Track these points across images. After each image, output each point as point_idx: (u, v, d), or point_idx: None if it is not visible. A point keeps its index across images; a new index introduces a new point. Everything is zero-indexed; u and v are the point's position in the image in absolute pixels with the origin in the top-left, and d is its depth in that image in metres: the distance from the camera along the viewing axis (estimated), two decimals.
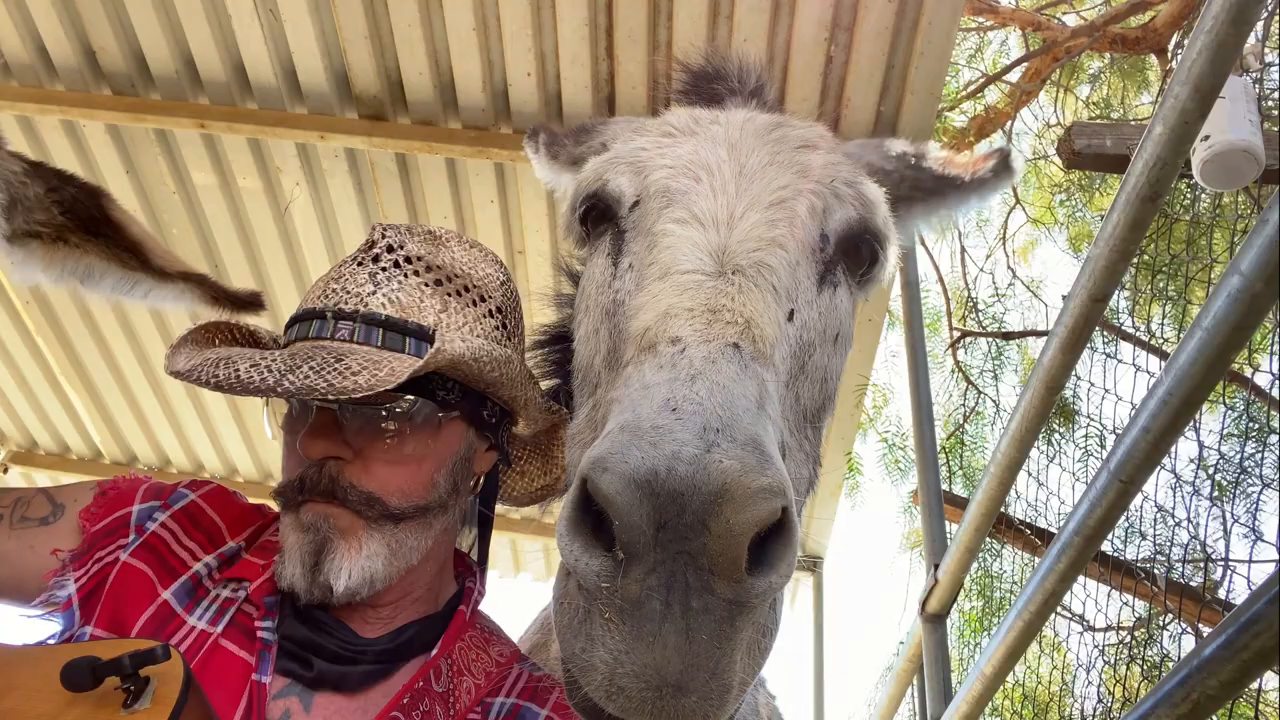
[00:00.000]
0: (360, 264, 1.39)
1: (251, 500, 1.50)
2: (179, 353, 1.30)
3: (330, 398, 1.19)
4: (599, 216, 1.44)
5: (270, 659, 1.21)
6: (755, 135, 1.44)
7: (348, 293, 1.34)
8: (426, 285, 1.39)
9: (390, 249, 1.40)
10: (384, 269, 1.38)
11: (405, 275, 1.38)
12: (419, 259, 1.41)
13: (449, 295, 1.40)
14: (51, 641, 1.24)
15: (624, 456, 0.86)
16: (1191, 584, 4.12)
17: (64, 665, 0.90)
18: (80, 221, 1.25)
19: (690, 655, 0.85)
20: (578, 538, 0.90)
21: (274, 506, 1.48)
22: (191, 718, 0.92)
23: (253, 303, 1.38)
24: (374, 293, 1.34)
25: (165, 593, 1.26)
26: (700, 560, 0.84)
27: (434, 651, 1.30)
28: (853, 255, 1.41)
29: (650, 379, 0.99)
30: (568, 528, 0.91)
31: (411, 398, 1.31)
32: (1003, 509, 2.61)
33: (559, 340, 1.64)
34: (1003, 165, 1.68)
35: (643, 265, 1.27)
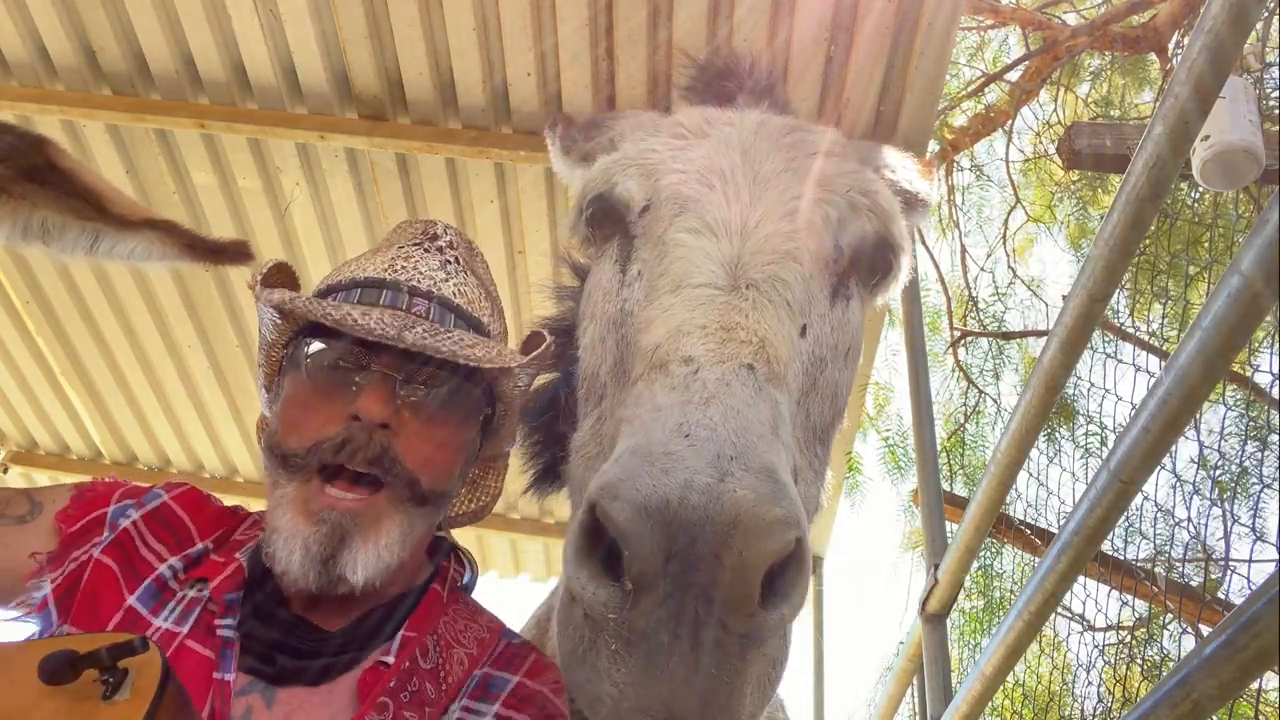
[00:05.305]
0: (426, 250, 1.43)
1: (254, 505, 1.49)
2: (269, 291, 1.30)
3: (458, 361, 1.25)
4: (606, 220, 1.41)
5: (232, 657, 1.20)
6: (770, 140, 1.40)
7: (420, 273, 1.39)
8: (479, 288, 1.47)
9: (452, 245, 1.47)
10: (449, 261, 1.44)
11: (465, 273, 1.45)
12: (467, 262, 1.48)
13: (491, 302, 1.49)
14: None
15: (634, 483, 0.84)
16: (1191, 584, 4.12)
17: (42, 658, 0.89)
18: (22, 171, 1.15)
19: (700, 690, 0.83)
20: (585, 565, 0.88)
21: (248, 509, 1.48)
22: (170, 708, 0.92)
23: (239, 252, 1.26)
24: (446, 280, 1.40)
25: (130, 598, 1.25)
26: (711, 593, 0.82)
27: (399, 635, 1.27)
28: (865, 266, 1.39)
29: (662, 400, 0.97)
30: (575, 554, 0.89)
31: (471, 386, 1.35)
32: (1003, 509, 2.61)
33: (557, 334, 1.62)
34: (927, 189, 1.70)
35: (653, 275, 1.23)
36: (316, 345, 1.30)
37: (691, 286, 1.14)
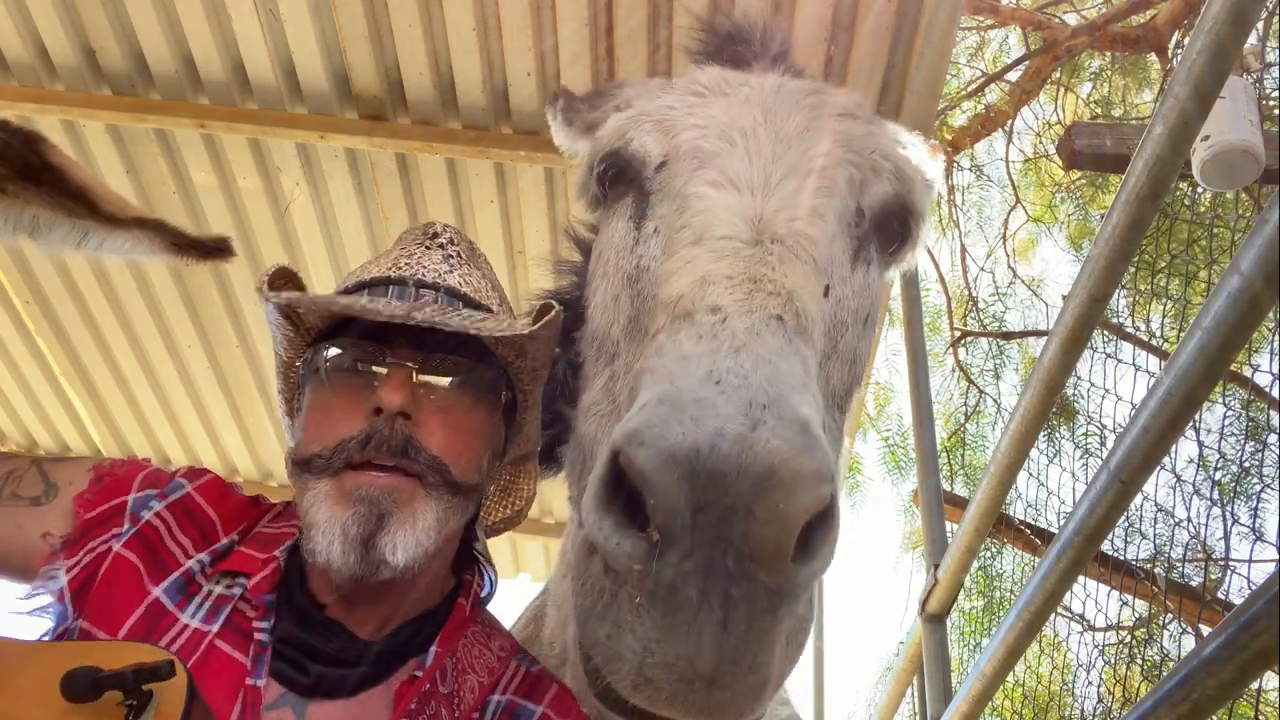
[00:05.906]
0: (428, 247, 1.46)
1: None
2: (277, 293, 1.31)
3: (469, 333, 1.26)
4: (619, 177, 1.38)
5: (265, 661, 1.19)
6: (791, 100, 1.37)
7: (424, 267, 1.41)
8: (484, 279, 1.49)
9: (453, 241, 1.50)
10: (451, 256, 1.46)
11: (468, 265, 1.47)
12: (469, 257, 1.50)
13: (498, 292, 1.51)
14: (47, 638, 1.21)
15: (663, 431, 0.80)
16: (1191, 584, 4.12)
17: (64, 675, 0.88)
18: (17, 169, 1.14)
19: (728, 647, 0.80)
20: (608, 515, 0.85)
21: (269, 499, 1.47)
22: None
23: (221, 248, 1.27)
24: (450, 272, 1.42)
25: (156, 590, 1.23)
26: (742, 546, 0.78)
27: (432, 649, 1.27)
28: (885, 231, 1.35)
29: (689, 349, 0.92)
30: (596, 504, 0.86)
31: (487, 369, 1.36)
32: (1003, 509, 2.61)
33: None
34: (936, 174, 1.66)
35: (671, 230, 1.20)
36: (332, 350, 1.31)
37: (715, 238, 1.10)
